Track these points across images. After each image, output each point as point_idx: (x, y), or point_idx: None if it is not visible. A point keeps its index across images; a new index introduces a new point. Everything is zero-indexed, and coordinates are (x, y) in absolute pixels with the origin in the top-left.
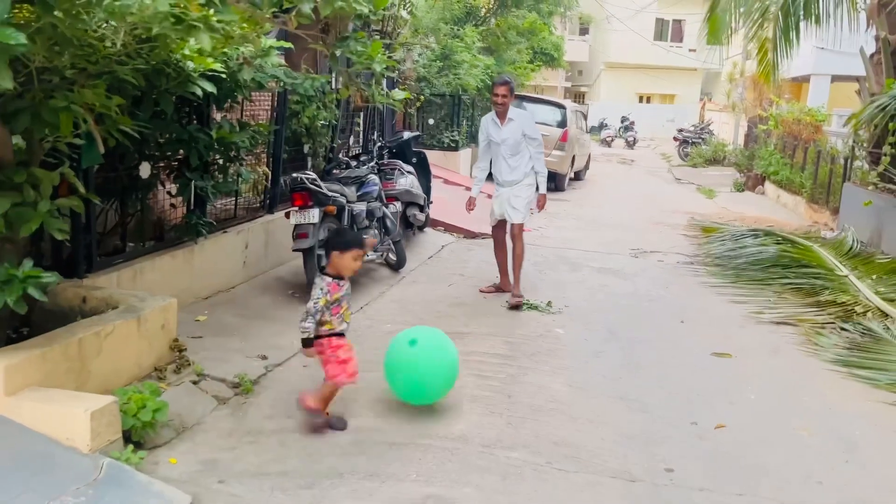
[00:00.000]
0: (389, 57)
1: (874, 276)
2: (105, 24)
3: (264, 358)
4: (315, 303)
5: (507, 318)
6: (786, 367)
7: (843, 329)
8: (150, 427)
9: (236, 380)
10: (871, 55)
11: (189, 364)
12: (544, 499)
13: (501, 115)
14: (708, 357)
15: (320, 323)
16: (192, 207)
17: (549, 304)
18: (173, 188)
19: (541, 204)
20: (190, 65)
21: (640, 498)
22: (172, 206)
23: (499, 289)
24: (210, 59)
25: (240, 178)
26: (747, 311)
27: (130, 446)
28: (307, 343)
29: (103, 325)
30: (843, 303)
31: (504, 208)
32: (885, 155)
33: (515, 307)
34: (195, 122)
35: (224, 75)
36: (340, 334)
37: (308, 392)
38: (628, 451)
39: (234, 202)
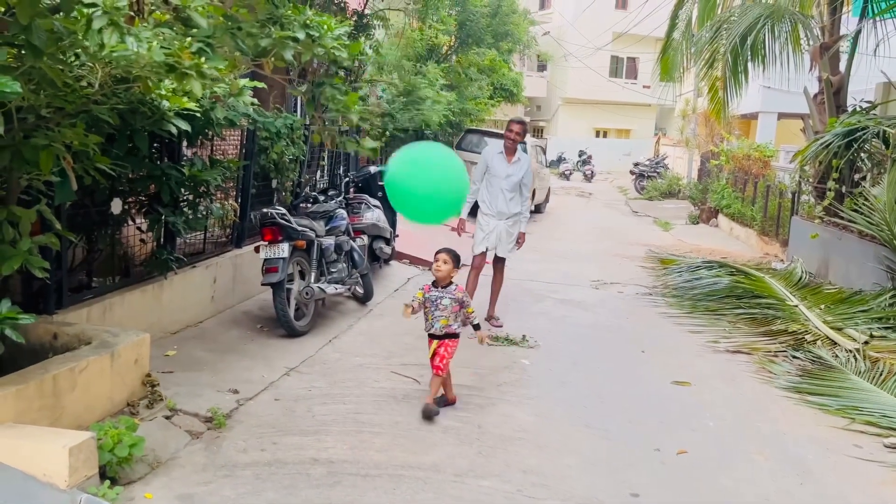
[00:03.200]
0: (360, 106)
1: (822, 306)
2: (83, 66)
3: (236, 392)
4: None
5: (473, 350)
6: (742, 394)
7: (794, 357)
8: (126, 463)
9: (209, 414)
10: (815, 95)
11: (161, 399)
12: None
13: (510, 152)
14: (668, 385)
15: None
16: (162, 243)
17: (524, 338)
18: (143, 224)
19: (521, 241)
20: (165, 104)
21: None
22: (142, 241)
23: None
24: (185, 99)
25: (210, 214)
26: (704, 341)
27: (107, 482)
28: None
29: (77, 361)
30: (794, 332)
31: (497, 241)
32: (830, 190)
33: (499, 327)
34: (167, 158)
35: (198, 113)
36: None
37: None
38: (594, 477)
39: (202, 237)
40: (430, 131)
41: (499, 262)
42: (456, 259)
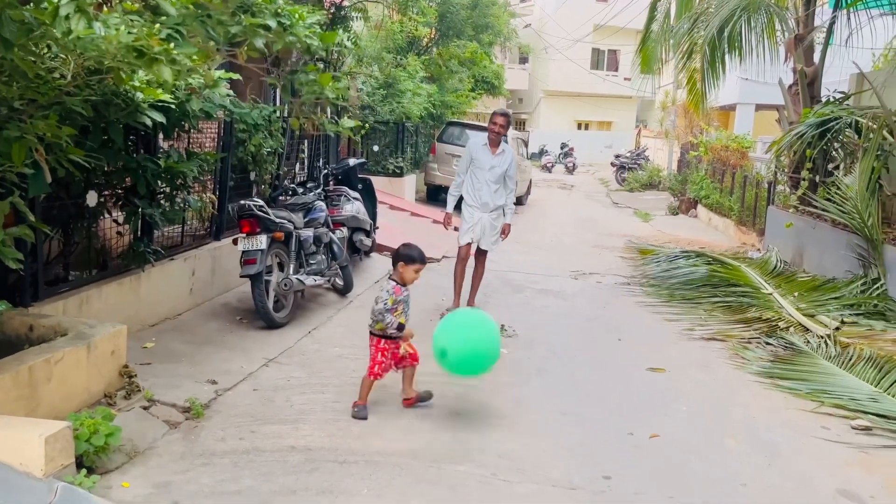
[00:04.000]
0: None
1: (796, 294)
2: (56, 57)
3: (214, 382)
4: (385, 303)
5: None
6: (715, 380)
7: (767, 343)
8: (102, 452)
9: (187, 404)
10: (790, 86)
11: (139, 390)
12: None
13: (494, 144)
14: (643, 372)
15: (375, 321)
16: (139, 235)
17: (503, 327)
18: (120, 216)
19: (506, 232)
20: (139, 95)
21: None
22: (119, 233)
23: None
24: (159, 90)
25: (187, 206)
26: (680, 329)
27: (84, 471)
28: (401, 328)
29: (53, 353)
30: (768, 319)
31: (481, 234)
32: (804, 180)
33: None
34: (143, 150)
35: (173, 105)
36: (390, 337)
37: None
38: (569, 461)
39: (180, 229)
40: (410, 123)
41: (481, 255)
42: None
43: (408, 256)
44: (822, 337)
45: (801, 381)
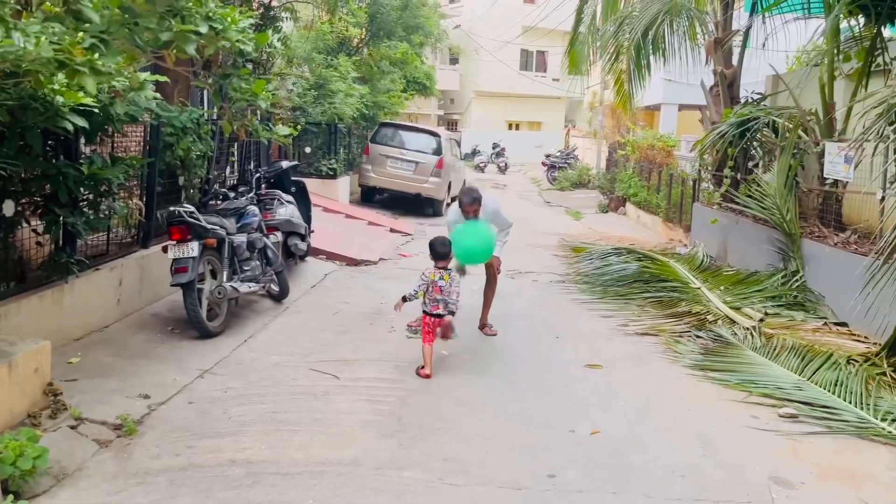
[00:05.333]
0: (268, 90)
1: (722, 287)
2: None
3: (146, 397)
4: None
5: (393, 344)
6: (650, 374)
7: (698, 336)
8: (29, 475)
9: (118, 421)
10: (711, 87)
11: (66, 408)
12: None
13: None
14: (581, 369)
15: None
16: (61, 245)
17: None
18: (40, 225)
19: (497, 266)
20: (59, 99)
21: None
22: (39, 244)
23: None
24: (81, 94)
25: (113, 213)
26: (615, 324)
27: (10, 496)
28: (404, 299)
29: None
30: (697, 312)
31: None
32: (726, 177)
33: (492, 335)
34: (63, 156)
35: (96, 109)
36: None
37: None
38: (513, 461)
39: (105, 238)
40: (343, 124)
41: (491, 269)
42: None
43: (437, 255)
44: (747, 329)
45: (730, 373)
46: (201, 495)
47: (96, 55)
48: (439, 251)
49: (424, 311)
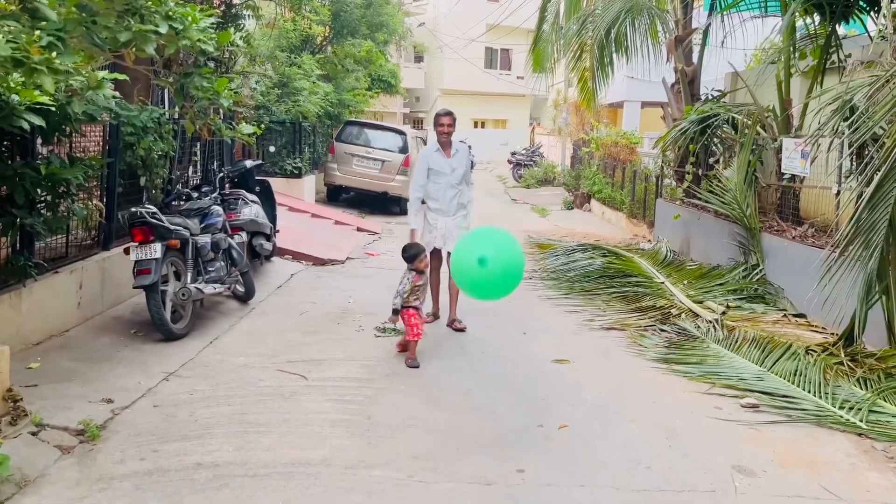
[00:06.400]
0: (230, 89)
1: (685, 281)
2: None
3: (110, 401)
4: (402, 287)
5: (361, 343)
6: (616, 368)
7: (662, 330)
8: None
9: (80, 426)
10: (672, 84)
11: (26, 414)
12: None
13: (446, 146)
14: (549, 364)
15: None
16: (18, 248)
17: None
18: None
19: None
20: (15, 98)
21: (496, 499)
22: None
23: (435, 315)
24: (37, 92)
25: (72, 215)
26: (581, 320)
27: None
28: (395, 313)
29: None
30: (662, 307)
31: (444, 240)
32: (688, 173)
33: (461, 330)
34: (19, 157)
35: (53, 108)
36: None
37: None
38: (482, 457)
39: (65, 240)
40: (307, 123)
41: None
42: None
43: (408, 257)
44: (710, 322)
45: (694, 365)
46: (168, 499)
47: (54, 54)
48: (409, 253)
49: (405, 307)
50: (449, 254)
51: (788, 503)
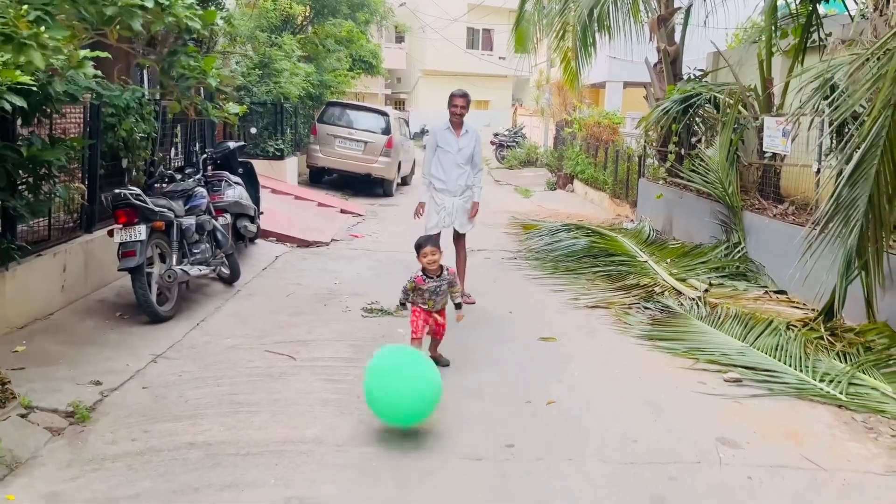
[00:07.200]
0: (217, 68)
1: (668, 260)
2: None
3: (98, 383)
4: (405, 285)
5: (349, 324)
6: (601, 345)
7: (646, 308)
8: None
9: (70, 408)
10: (655, 64)
11: (14, 397)
12: (400, 484)
13: (457, 126)
14: (535, 342)
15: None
16: (0, 231)
17: (399, 307)
18: None
19: (475, 210)
20: None
21: (486, 473)
22: None
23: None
24: (18, 72)
25: (55, 197)
26: (566, 298)
27: None
28: (402, 305)
29: None
30: (645, 285)
31: (453, 219)
32: (671, 153)
33: (470, 304)
34: (0, 138)
35: (34, 88)
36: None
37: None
38: (473, 433)
39: (47, 223)
40: (289, 104)
41: (460, 239)
42: (437, 244)
43: (416, 247)
44: (693, 299)
45: (678, 341)
46: (161, 479)
47: (42, 28)
48: (417, 244)
49: (413, 303)
50: (456, 234)
51: (771, 473)
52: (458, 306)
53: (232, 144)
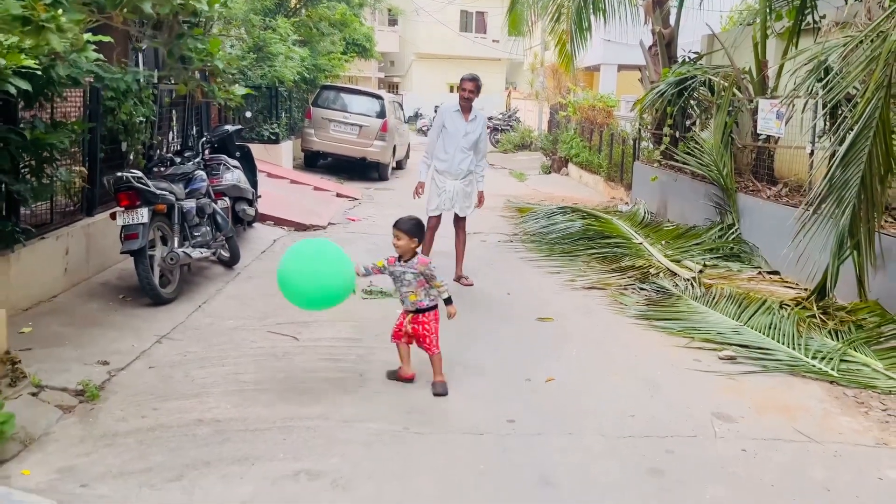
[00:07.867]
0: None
1: (663, 242)
2: None
3: (105, 363)
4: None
5: (349, 305)
6: (598, 325)
7: (641, 289)
8: None
9: (80, 387)
10: (650, 47)
11: (24, 376)
12: (405, 458)
13: (466, 110)
14: (534, 322)
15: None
16: (5, 213)
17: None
18: None
19: (482, 200)
20: (1, 62)
21: (488, 447)
22: None
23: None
24: (22, 56)
25: (57, 180)
26: (562, 280)
27: None
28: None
29: None
30: (640, 266)
31: (455, 202)
32: (666, 136)
33: (468, 286)
34: (3, 121)
35: (38, 71)
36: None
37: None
38: (474, 410)
39: (49, 206)
40: (284, 88)
41: (460, 221)
42: (414, 230)
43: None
44: (688, 280)
45: (673, 321)
46: (172, 454)
47: (60, 11)
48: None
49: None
50: (456, 217)
51: (765, 445)
52: (447, 301)
53: (230, 128)
